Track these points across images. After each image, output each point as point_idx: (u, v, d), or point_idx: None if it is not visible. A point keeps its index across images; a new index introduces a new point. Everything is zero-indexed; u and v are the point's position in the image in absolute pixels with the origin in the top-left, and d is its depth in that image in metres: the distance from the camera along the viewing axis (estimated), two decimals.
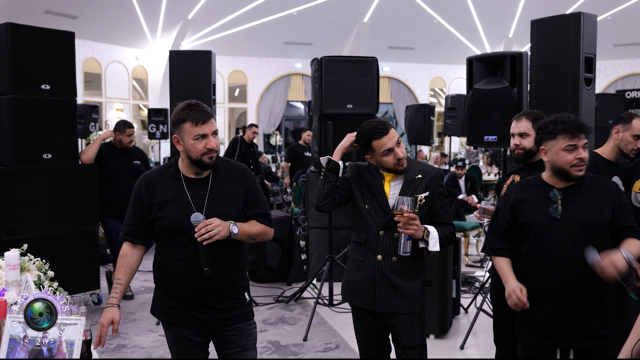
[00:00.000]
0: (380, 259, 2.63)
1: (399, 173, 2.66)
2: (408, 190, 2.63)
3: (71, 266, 4.83)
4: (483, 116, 4.50)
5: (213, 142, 2.33)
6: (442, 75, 19.83)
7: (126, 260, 2.43)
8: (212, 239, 2.25)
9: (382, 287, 2.62)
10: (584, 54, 3.92)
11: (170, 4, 14.47)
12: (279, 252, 6.21)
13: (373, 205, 2.66)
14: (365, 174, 2.72)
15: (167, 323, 2.47)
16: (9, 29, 4.52)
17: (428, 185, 2.65)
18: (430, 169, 2.70)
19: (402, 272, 2.62)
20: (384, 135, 2.59)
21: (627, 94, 7.77)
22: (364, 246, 2.69)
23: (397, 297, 2.61)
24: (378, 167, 2.70)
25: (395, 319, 2.62)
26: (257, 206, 2.47)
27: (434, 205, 2.67)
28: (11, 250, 2.22)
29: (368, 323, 2.72)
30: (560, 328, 2.40)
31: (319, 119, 6.17)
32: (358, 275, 2.69)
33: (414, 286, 2.64)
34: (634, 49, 17.83)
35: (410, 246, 2.55)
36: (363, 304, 2.66)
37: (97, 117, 9.49)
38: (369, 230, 2.66)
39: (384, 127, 2.60)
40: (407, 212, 2.49)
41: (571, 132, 2.36)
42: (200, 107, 2.35)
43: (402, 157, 2.61)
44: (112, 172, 5.50)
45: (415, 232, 2.52)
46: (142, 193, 2.41)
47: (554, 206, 2.40)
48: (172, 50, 5.70)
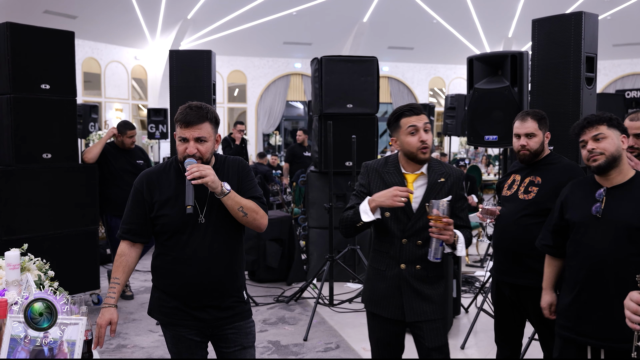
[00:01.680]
0: (404, 268, 2.55)
1: (421, 162, 2.55)
2: (432, 194, 2.53)
3: (71, 266, 4.81)
4: (483, 116, 4.49)
5: (192, 149, 2.26)
6: (442, 75, 19.84)
7: (124, 259, 2.41)
8: (202, 180, 2.19)
9: (409, 296, 2.55)
10: (585, 53, 3.91)
11: (169, 4, 14.46)
12: (279, 252, 6.20)
13: (395, 211, 2.54)
14: (384, 176, 2.60)
15: (166, 323, 2.46)
16: (9, 29, 4.51)
17: (450, 188, 2.57)
18: (452, 171, 2.62)
19: (427, 279, 2.56)
20: (415, 115, 2.53)
21: (627, 93, 7.77)
22: (386, 255, 2.59)
23: (425, 304, 2.55)
24: (398, 164, 2.61)
25: (421, 325, 2.57)
26: (250, 192, 2.41)
27: (455, 208, 2.57)
28: (11, 250, 2.21)
29: (388, 328, 2.64)
30: (590, 325, 2.40)
31: (319, 118, 6.16)
32: (382, 285, 2.60)
33: (439, 291, 2.59)
34: (634, 48, 17.85)
35: (442, 252, 2.46)
36: (390, 314, 2.59)
37: (96, 117, 9.49)
38: (392, 239, 2.56)
39: (416, 108, 2.56)
40: (445, 217, 2.39)
41: None
42: (194, 110, 2.29)
43: (427, 142, 2.52)
44: (116, 172, 5.51)
45: (450, 237, 2.43)
46: (143, 191, 2.39)
47: (597, 205, 2.40)
48: (172, 50, 5.69)
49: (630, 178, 2.41)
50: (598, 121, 2.43)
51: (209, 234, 2.35)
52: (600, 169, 2.41)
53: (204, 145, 2.29)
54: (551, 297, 2.76)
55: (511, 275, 3.03)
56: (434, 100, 19.74)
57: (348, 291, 5.87)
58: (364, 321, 4.92)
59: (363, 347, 4.39)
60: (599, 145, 2.40)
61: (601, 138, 2.41)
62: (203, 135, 2.28)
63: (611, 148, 2.39)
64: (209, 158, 2.35)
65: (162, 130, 10.03)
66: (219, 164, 2.42)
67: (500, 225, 3.10)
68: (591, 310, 2.40)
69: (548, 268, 2.74)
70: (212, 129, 2.33)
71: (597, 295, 2.38)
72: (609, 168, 2.40)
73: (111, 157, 5.51)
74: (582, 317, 2.43)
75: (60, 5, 12.89)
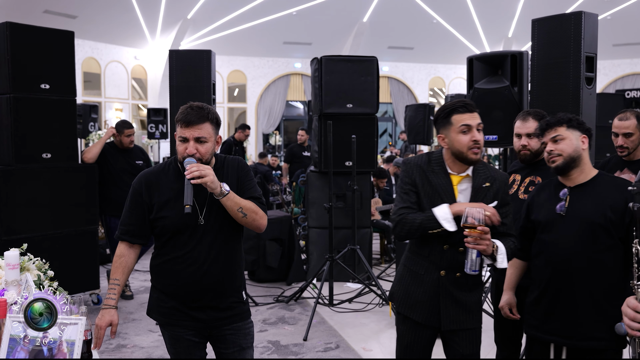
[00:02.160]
0: (444, 275, 2.44)
1: (470, 163, 2.42)
2: (476, 200, 2.41)
3: (71, 266, 4.81)
4: (484, 115, 4.43)
5: (191, 148, 2.25)
6: (442, 75, 19.85)
7: (124, 260, 2.40)
8: (201, 180, 2.18)
9: (447, 304, 2.45)
10: (585, 53, 3.91)
11: (169, 4, 14.46)
12: (279, 251, 6.20)
13: None
14: (429, 175, 2.46)
15: (165, 324, 2.45)
16: (9, 29, 4.51)
17: (496, 193, 2.44)
18: (498, 175, 2.49)
19: (465, 286, 2.47)
20: (468, 112, 2.40)
21: (627, 93, 7.77)
22: (426, 259, 2.48)
23: (462, 313, 2.46)
24: (443, 163, 2.47)
25: (458, 332, 2.49)
26: (250, 191, 2.39)
27: (499, 213, 2.42)
28: (11, 250, 2.21)
29: (420, 332, 2.53)
30: (555, 323, 2.45)
31: (319, 118, 6.16)
32: (418, 290, 2.50)
33: (476, 298, 2.51)
34: (633, 48, 17.85)
35: (479, 264, 2.32)
36: (424, 320, 2.49)
37: (96, 116, 9.48)
38: (433, 243, 2.44)
39: (470, 105, 2.43)
40: (480, 225, 2.24)
41: None
42: (195, 110, 2.28)
43: (480, 142, 2.39)
44: (115, 172, 5.50)
45: (487, 247, 2.29)
46: (142, 192, 2.38)
47: (561, 203, 2.44)
48: (172, 50, 5.69)
49: (592, 177, 2.46)
50: (557, 123, 2.47)
51: (208, 234, 2.34)
52: (559, 169, 2.47)
53: (204, 145, 2.28)
54: (510, 298, 2.82)
55: None
56: (434, 100, 19.74)
57: (348, 291, 5.87)
58: (364, 321, 4.95)
59: (363, 347, 4.39)
60: (557, 146, 2.45)
61: (559, 139, 2.45)
62: (203, 136, 2.27)
63: (569, 149, 2.44)
64: (209, 159, 2.34)
65: (162, 130, 10.02)
66: (219, 165, 2.42)
67: None
68: (556, 308, 2.45)
69: (511, 269, 2.77)
70: (213, 130, 2.32)
71: (562, 293, 2.43)
72: (568, 168, 2.45)
73: (110, 157, 5.51)
74: (547, 315, 2.47)
75: (60, 5, 12.89)
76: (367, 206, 6.37)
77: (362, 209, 6.24)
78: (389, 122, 20.55)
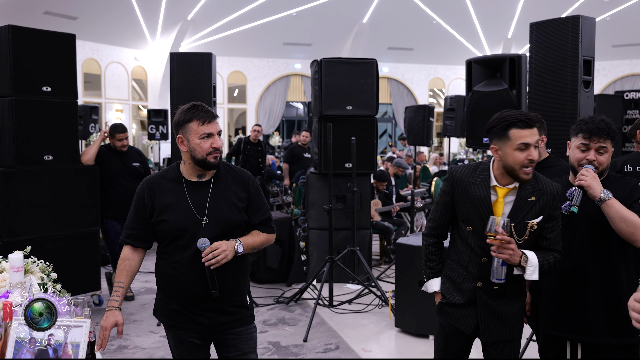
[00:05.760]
0: (480, 286, 2.41)
1: (520, 181, 2.35)
2: (518, 213, 2.34)
3: (72, 267, 4.83)
4: (482, 118, 4.51)
5: (219, 142, 2.40)
6: (441, 75, 19.87)
7: (127, 263, 2.44)
8: (219, 264, 2.28)
9: (485, 315, 2.42)
10: (583, 56, 3.94)
11: (169, 5, 14.49)
12: (279, 253, 6.23)
13: (476, 226, 2.38)
14: (470, 188, 2.41)
15: (168, 325, 2.48)
16: (10, 31, 4.53)
17: (543, 208, 2.36)
18: (547, 188, 2.38)
19: (504, 297, 2.42)
20: (529, 128, 2.29)
21: (626, 94, 7.78)
22: (464, 269, 2.46)
23: (500, 324, 2.42)
24: (488, 175, 2.40)
25: (496, 345, 2.45)
26: (260, 212, 2.49)
27: (544, 229, 2.38)
28: (15, 253, 2.23)
29: (457, 340, 2.51)
30: (566, 321, 2.50)
31: (319, 120, 6.19)
32: (457, 297, 2.48)
33: (515, 309, 2.46)
34: (633, 49, 17.88)
35: (504, 272, 2.30)
36: (464, 328, 2.47)
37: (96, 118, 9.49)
38: (471, 255, 2.43)
39: (530, 120, 2.31)
40: (502, 234, 2.23)
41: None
42: (205, 107, 2.42)
43: (535, 161, 2.30)
44: (111, 174, 5.49)
45: (511, 257, 2.26)
46: (144, 196, 2.42)
47: (566, 203, 2.44)
48: (173, 52, 5.71)
49: (603, 179, 2.47)
50: (608, 135, 2.43)
51: (210, 238, 2.35)
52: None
53: (221, 139, 2.45)
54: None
55: None
56: (434, 101, 19.77)
57: (348, 292, 5.89)
58: (364, 322, 4.98)
59: (363, 348, 4.42)
60: (599, 158, 2.44)
61: (604, 152, 2.45)
62: (220, 129, 2.45)
63: (606, 163, 2.47)
64: None
65: (162, 131, 10.02)
66: (221, 172, 2.45)
67: None
68: (567, 305, 2.49)
69: None
70: None
71: (571, 291, 2.48)
72: None
73: (107, 159, 5.49)
74: (560, 313, 2.52)
75: (60, 6, 12.92)
76: (366, 208, 6.40)
77: (361, 211, 6.26)
78: (388, 123, 20.58)
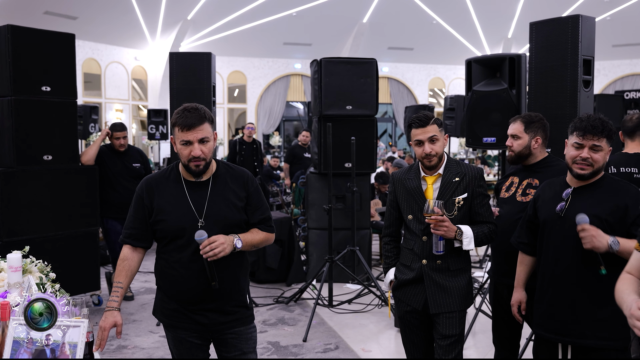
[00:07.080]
0: (426, 263, 2.75)
1: (430, 168, 2.75)
2: (445, 193, 2.73)
3: (72, 267, 4.83)
4: (482, 118, 4.52)
5: (197, 151, 2.28)
6: (441, 75, 19.86)
7: (127, 263, 2.43)
8: (217, 257, 2.26)
9: (431, 289, 2.74)
10: (582, 56, 3.93)
11: (169, 5, 14.49)
12: (279, 252, 6.22)
13: (415, 213, 2.77)
14: (406, 182, 2.83)
15: (168, 325, 2.48)
16: (10, 31, 4.53)
17: (467, 186, 2.74)
18: (468, 170, 2.78)
19: (448, 271, 2.74)
20: (420, 127, 2.72)
21: (626, 94, 7.77)
22: (411, 252, 2.81)
23: (445, 297, 2.73)
24: (419, 169, 2.81)
25: (441, 316, 2.73)
26: (260, 211, 2.48)
27: (473, 205, 2.77)
28: (13, 253, 2.23)
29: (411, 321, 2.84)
30: (556, 322, 2.49)
31: (319, 120, 6.19)
32: (407, 274, 2.82)
33: (460, 284, 2.76)
34: (633, 49, 17.87)
35: (442, 245, 2.67)
36: (416, 305, 2.78)
37: (96, 117, 9.49)
38: (414, 238, 2.79)
39: (423, 120, 2.72)
40: (437, 213, 2.60)
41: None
42: (192, 112, 2.31)
43: (432, 154, 2.70)
44: (112, 174, 5.49)
45: (446, 232, 2.63)
46: (143, 196, 2.42)
47: (562, 204, 2.46)
48: (172, 52, 5.71)
49: (598, 179, 2.47)
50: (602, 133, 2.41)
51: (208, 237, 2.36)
52: (584, 177, 2.45)
53: (206, 145, 2.32)
54: (520, 295, 2.86)
55: (509, 276, 3.05)
56: (434, 101, 19.76)
57: (347, 292, 5.89)
58: (364, 322, 4.98)
59: (362, 348, 4.41)
60: (593, 156, 2.42)
61: (598, 150, 2.43)
62: (206, 136, 2.32)
63: (602, 161, 2.44)
64: (211, 158, 2.38)
65: (162, 131, 10.03)
66: (220, 171, 2.45)
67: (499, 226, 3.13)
68: (556, 307, 2.49)
69: (520, 266, 2.84)
70: (211, 128, 2.37)
71: (561, 293, 2.47)
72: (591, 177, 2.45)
73: (108, 159, 5.49)
74: (550, 315, 2.52)
75: (60, 6, 12.92)
76: (366, 207, 6.40)
77: (361, 210, 6.26)
78: (388, 123, 20.57)
